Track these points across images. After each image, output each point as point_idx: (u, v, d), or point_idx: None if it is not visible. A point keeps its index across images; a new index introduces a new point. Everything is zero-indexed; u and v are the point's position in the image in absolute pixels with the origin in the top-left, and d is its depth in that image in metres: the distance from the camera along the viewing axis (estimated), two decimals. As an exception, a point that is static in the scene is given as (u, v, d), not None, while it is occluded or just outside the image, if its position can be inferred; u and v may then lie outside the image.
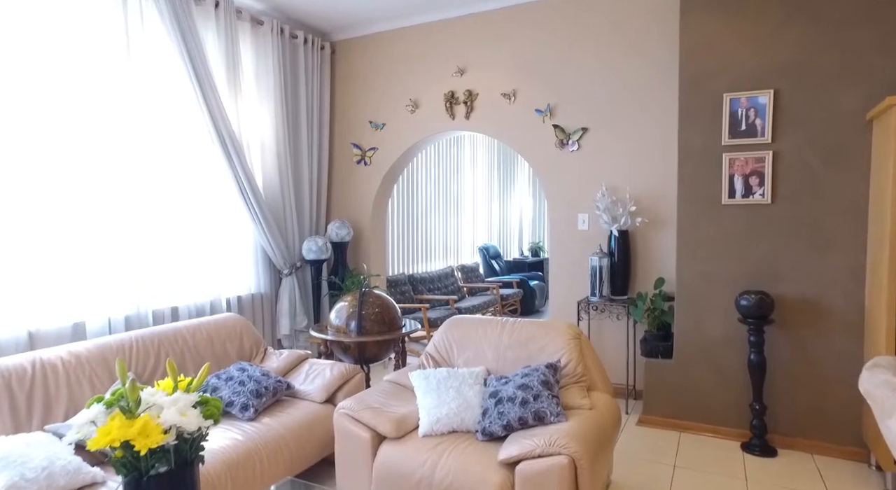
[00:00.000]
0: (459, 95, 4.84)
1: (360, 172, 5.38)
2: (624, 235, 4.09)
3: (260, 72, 4.67)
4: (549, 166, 4.49)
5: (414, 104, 5.05)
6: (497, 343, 2.92)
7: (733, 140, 3.29)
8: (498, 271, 8.59)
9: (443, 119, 4.94)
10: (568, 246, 4.43)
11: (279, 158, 4.80)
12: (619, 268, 4.09)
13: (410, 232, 7.15)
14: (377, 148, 5.28)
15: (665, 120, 4.00)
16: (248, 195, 4.39)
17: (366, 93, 5.32)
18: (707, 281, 3.43)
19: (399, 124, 5.16)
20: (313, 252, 4.85)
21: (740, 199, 3.29)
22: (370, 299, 3.61)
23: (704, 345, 3.45)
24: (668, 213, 4.02)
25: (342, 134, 5.47)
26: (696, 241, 3.46)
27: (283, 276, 4.87)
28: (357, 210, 5.41)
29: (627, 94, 4.14)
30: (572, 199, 4.40)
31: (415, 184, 7.19)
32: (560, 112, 4.43)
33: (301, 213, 5.12)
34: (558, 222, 4.47)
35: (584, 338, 2.85)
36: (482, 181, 8.78)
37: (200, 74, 3.94)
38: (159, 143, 3.84)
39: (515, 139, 4.63)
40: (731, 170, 3.31)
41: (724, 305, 3.37)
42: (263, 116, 4.72)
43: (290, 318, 4.87)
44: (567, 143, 4.39)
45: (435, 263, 7.69)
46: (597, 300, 4.06)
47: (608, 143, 4.24)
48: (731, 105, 3.29)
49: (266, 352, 3.33)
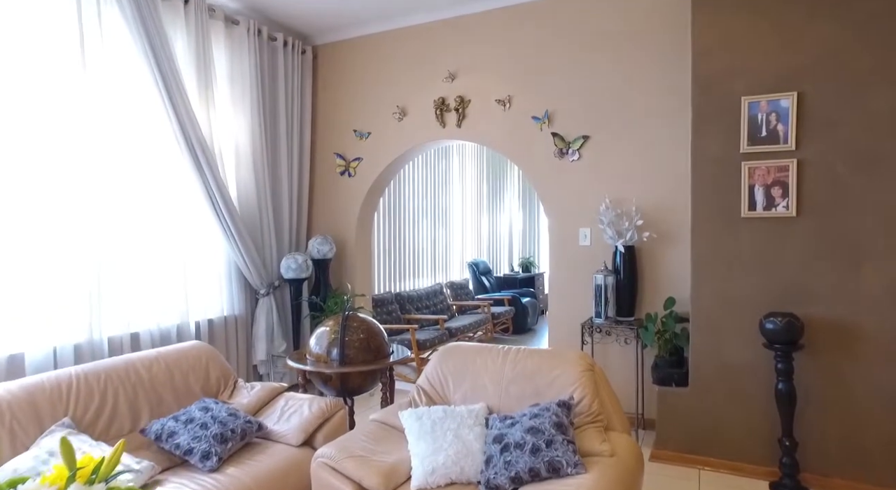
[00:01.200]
0: (450, 102, 4.53)
1: (343, 184, 5.03)
2: (630, 251, 3.77)
3: (235, 75, 4.32)
4: (547, 177, 4.18)
5: (401, 112, 4.73)
6: (499, 375, 2.56)
7: (753, 147, 3.01)
8: (488, 288, 8.25)
9: (432, 127, 4.62)
10: (569, 263, 4.10)
11: (256, 169, 4.44)
12: (626, 287, 3.77)
13: (397, 247, 6.79)
14: (362, 158, 4.94)
15: (675, 126, 3.71)
16: (220, 208, 4.02)
17: (350, 100, 4.99)
18: (726, 301, 3.12)
19: (385, 133, 4.83)
20: (292, 270, 4.47)
21: (762, 212, 3.00)
22: (354, 324, 3.24)
23: (724, 372, 3.13)
24: (678, 227, 3.72)
25: (325, 143, 5.13)
26: (713, 258, 3.15)
27: (259, 297, 4.49)
28: (340, 225, 5.05)
29: (632, 99, 3.86)
30: (573, 212, 4.09)
31: (401, 196, 6.85)
32: (559, 119, 4.13)
33: (280, 228, 4.75)
34: (558, 237, 4.15)
35: (597, 369, 2.51)
36: (471, 193, 8.47)
37: (167, 76, 3.58)
38: (118, 148, 3.46)
39: (511, 148, 4.32)
40: (751, 180, 3.02)
41: (746, 328, 3.06)
42: (239, 123, 4.36)
43: (267, 343, 4.48)
44: (567, 152, 4.09)
45: (423, 280, 7.33)
46: (602, 322, 3.73)
47: (612, 152, 3.94)
48: (750, 109, 3.01)
49: (236, 385, 2.94)
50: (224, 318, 4.26)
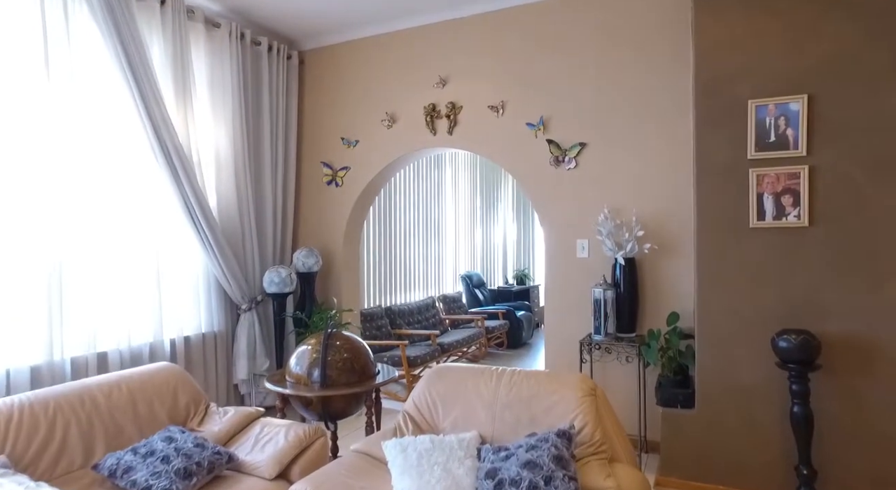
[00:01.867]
0: (441, 108, 4.34)
1: (330, 194, 4.83)
2: (630, 264, 3.58)
3: (216, 81, 4.12)
4: (542, 186, 3.99)
5: (391, 118, 4.55)
6: (492, 400, 2.35)
7: (761, 153, 2.83)
8: (482, 301, 8.03)
9: (423, 134, 4.43)
10: (566, 276, 3.90)
11: (237, 178, 4.23)
12: (626, 301, 3.57)
13: (388, 260, 6.58)
14: (349, 167, 4.74)
15: (676, 132, 3.54)
16: (198, 218, 3.80)
17: (337, 106, 4.80)
18: (734, 317, 2.92)
19: (374, 141, 4.64)
20: (275, 284, 4.25)
21: (771, 222, 2.81)
22: (337, 342, 3.01)
23: (733, 393, 2.93)
24: (681, 238, 3.53)
25: (311, 152, 4.93)
26: (720, 271, 2.96)
27: (241, 312, 4.26)
28: (327, 236, 4.83)
29: (631, 105, 3.69)
30: (570, 223, 3.89)
31: (392, 208, 6.65)
32: (555, 126, 3.95)
33: (263, 240, 4.53)
34: (554, 249, 3.95)
35: (600, 393, 2.30)
36: (464, 204, 8.28)
37: (142, 81, 3.38)
38: (87, 153, 3.24)
39: (504, 156, 4.14)
40: (760, 188, 2.83)
41: (757, 346, 2.86)
42: (219, 131, 4.16)
43: (248, 361, 4.24)
44: (563, 160, 3.91)
45: (415, 294, 7.11)
46: (601, 339, 3.52)
47: (610, 160, 3.76)
48: (758, 113, 2.83)
49: (207, 411, 2.71)
50: (202, 335, 4.03)
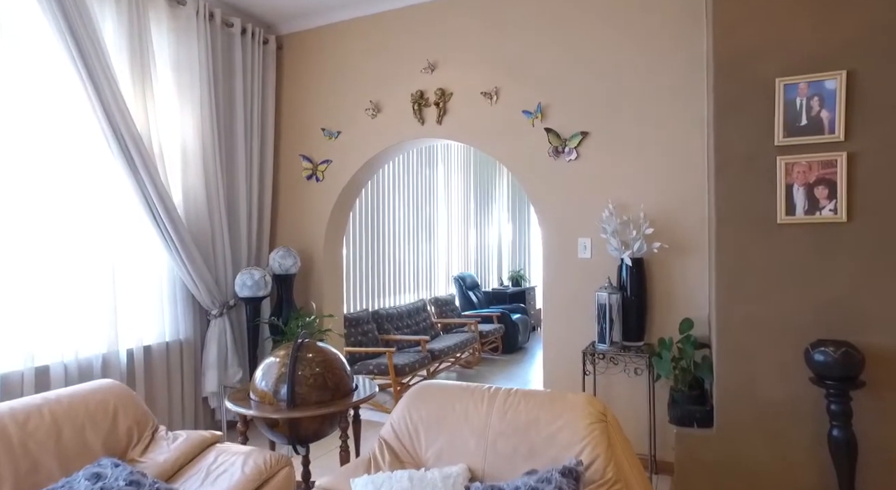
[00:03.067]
0: (430, 96, 3.98)
1: (310, 190, 4.46)
2: (638, 265, 3.23)
3: (181, 64, 3.75)
4: (540, 180, 3.63)
5: (375, 107, 4.18)
6: (483, 427, 1.99)
7: (791, 139, 2.48)
8: (476, 303, 7.67)
9: (410, 124, 4.07)
10: (566, 279, 3.54)
11: (207, 172, 3.86)
12: (634, 306, 3.22)
13: (376, 261, 6.21)
14: (331, 160, 4.37)
15: (691, 117, 3.19)
16: (160, 216, 3.43)
17: (318, 95, 4.44)
18: (760, 326, 2.57)
19: (357, 132, 4.27)
20: (248, 287, 3.87)
21: (803, 217, 2.46)
22: (309, 354, 2.65)
23: (759, 411, 2.57)
24: (695, 236, 3.19)
25: (289, 144, 4.56)
26: (743, 273, 2.61)
27: (211, 318, 3.88)
28: (307, 235, 4.46)
29: (639, 88, 3.33)
30: (571, 220, 3.54)
31: (380, 205, 6.28)
32: (553, 113, 3.59)
33: (236, 240, 4.16)
34: (553, 249, 3.60)
35: (611, 417, 1.94)
36: (457, 202, 7.92)
37: (90, 60, 3.01)
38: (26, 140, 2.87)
39: (498, 147, 3.78)
40: (789, 178, 2.48)
41: (787, 358, 2.51)
42: (186, 120, 3.78)
43: (219, 371, 3.86)
44: (563, 150, 3.55)
45: (404, 296, 6.74)
46: (606, 348, 3.16)
47: (615, 150, 3.41)
48: (787, 93, 2.48)
49: (154, 436, 2.33)
50: (166, 343, 3.65)
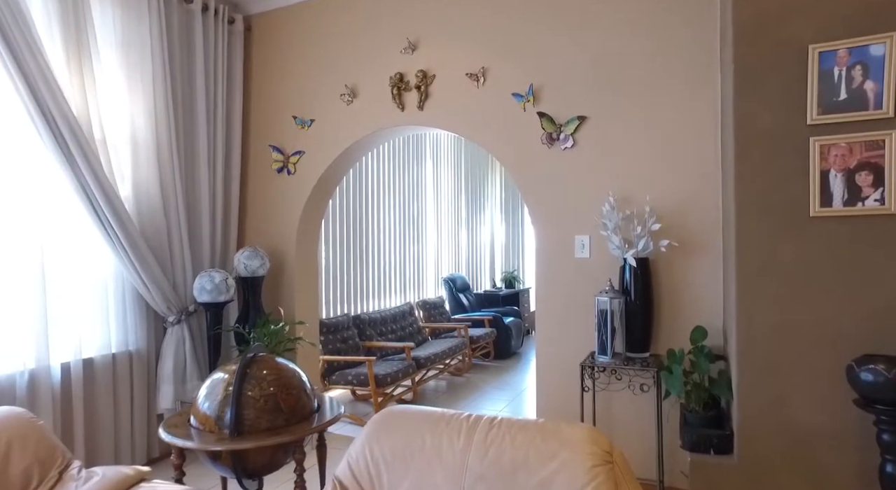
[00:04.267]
0: (410, 78, 3.59)
1: (281, 184, 4.06)
2: (643, 266, 2.85)
3: (130, 42, 3.34)
4: (532, 171, 3.25)
5: (351, 93, 3.79)
6: (459, 468, 1.60)
7: (827, 116, 2.10)
8: (467, 306, 7.28)
9: (388, 111, 3.68)
10: (561, 282, 3.16)
11: (162, 164, 3.46)
12: (638, 313, 2.84)
13: (357, 261, 5.81)
14: (303, 151, 3.98)
15: (704, 96, 2.82)
16: (104, 212, 3.03)
17: (289, 79, 4.04)
18: (790, 337, 2.19)
19: (332, 120, 3.88)
20: (207, 292, 3.47)
21: (841, 208, 2.09)
22: (262, 371, 2.26)
23: (790, 440, 2.20)
24: (708, 232, 2.81)
25: (259, 134, 4.16)
26: (768, 275, 2.23)
27: (167, 326, 3.48)
28: (278, 234, 4.06)
29: (643, 65, 2.96)
30: (567, 215, 3.16)
31: (363, 200, 5.88)
32: (547, 96, 3.21)
33: (197, 239, 3.76)
34: (547, 248, 3.22)
35: (618, 456, 1.55)
36: (447, 200, 7.53)
37: (8, 30, 2.61)
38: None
39: (486, 135, 3.39)
40: (825, 163, 2.11)
41: (824, 376, 2.13)
42: (136, 104, 3.38)
43: (175, 386, 3.46)
44: (558, 137, 3.17)
45: (390, 299, 6.34)
46: (607, 361, 2.78)
47: (617, 136, 3.03)
48: (823, 62, 2.11)
49: (63, 476, 1.93)
50: (112, 355, 3.24)
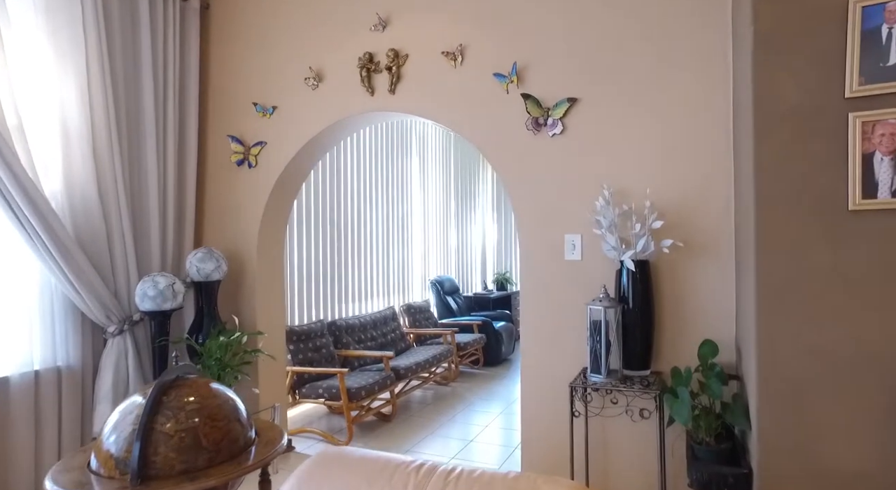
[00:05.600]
0: (381, 59, 3.20)
1: (242, 178, 3.65)
2: (643, 269, 2.45)
3: (57, 14, 2.93)
4: (516, 160, 2.85)
5: (317, 76, 3.39)
6: (402, 545, 1.20)
7: (871, 87, 1.71)
8: (455, 310, 6.88)
9: (357, 95, 3.28)
10: (549, 287, 2.76)
11: (99, 156, 3.05)
12: (637, 323, 2.44)
13: (334, 263, 5.40)
14: (265, 142, 3.57)
15: (713, 71, 2.43)
16: (22, 212, 2.63)
17: (249, 62, 3.64)
18: (825, 358, 1.80)
19: (296, 107, 3.48)
20: (150, 299, 3.06)
21: (889, 199, 1.70)
22: (187, 397, 1.85)
23: (824, 480, 1.80)
24: (719, 231, 2.42)
25: (218, 122, 3.75)
26: (796, 281, 1.84)
27: (107, 337, 3.08)
28: (238, 233, 3.66)
29: (642, 39, 2.56)
30: (555, 210, 2.76)
31: (341, 197, 5.47)
32: (533, 76, 2.82)
33: (144, 241, 3.35)
34: (533, 249, 2.82)
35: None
36: (435, 197, 7.13)
37: None
38: None
39: (464, 120, 2.99)
40: (868, 144, 1.72)
41: (867, 408, 1.74)
42: (66, 87, 2.96)
43: (113, 405, 3.05)
44: (545, 123, 2.77)
45: (372, 304, 5.94)
46: (602, 380, 2.39)
47: (613, 120, 2.64)
48: (867, 19, 1.72)
49: None
50: (35, 372, 2.84)
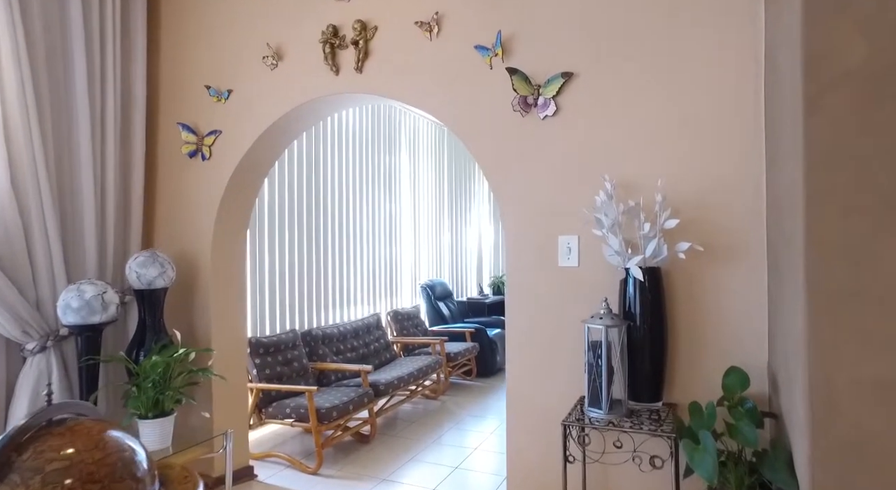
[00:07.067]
0: (346, 32, 2.76)
1: (195, 172, 3.22)
2: (653, 279, 2.00)
3: (-35, -22, 2.50)
4: (500, 147, 2.41)
5: (275, 54, 2.95)
6: None
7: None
8: (447, 317, 6.43)
9: (320, 75, 2.84)
10: (539, 300, 2.32)
11: (13, 148, 2.64)
12: (646, 345, 1.99)
13: (312, 266, 4.95)
14: (220, 130, 3.13)
15: (740, 38, 1.98)
16: None
17: (202, 40, 3.20)
18: (898, 402, 1.35)
19: (253, 90, 3.04)
20: (73, 311, 2.62)
21: None
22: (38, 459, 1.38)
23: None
24: (747, 232, 1.97)
25: (169, 109, 3.31)
26: (861, 297, 1.39)
27: (26, 355, 2.65)
28: (190, 234, 3.22)
29: (653, 1, 2.12)
30: (547, 207, 2.31)
31: (320, 194, 5.03)
32: (521, 47, 2.37)
33: (76, 245, 2.92)
34: (521, 253, 2.38)
35: None
36: (426, 196, 6.68)
37: None
38: None
39: (440, 102, 2.55)
40: (961, 114, 1.27)
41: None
42: (-24, 62, 2.54)
43: (34, 435, 2.60)
44: (535, 102, 2.33)
45: (356, 310, 5.49)
46: (602, 416, 1.93)
47: (616, 98, 2.19)
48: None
49: None
50: (-68, 400, 2.40)
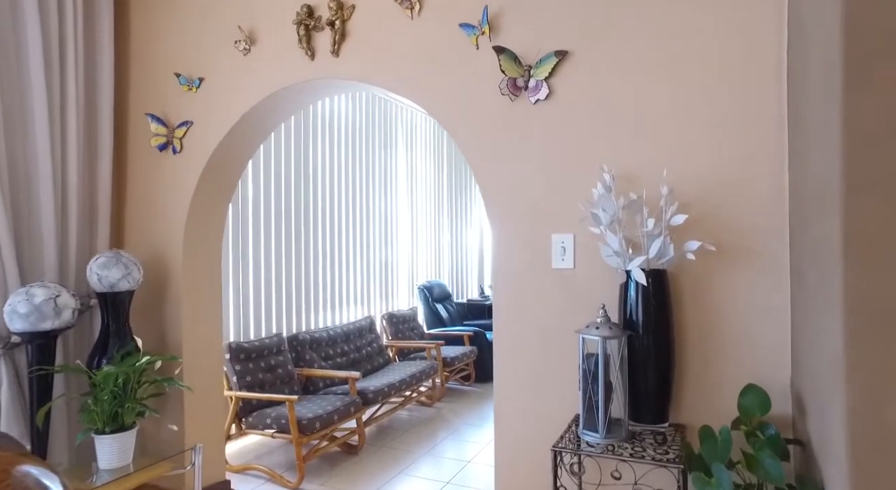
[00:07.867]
0: (322, 12, 2.52)
1: (165, 166, 2.99)
2: (658, 282, 1.75)
3: None
4: (487, 135, 2.16)
5: (248, 38, 2.72)
6: None
7: None
8: (446, 319, 6.19)
9: (295, 60, 2.60)
10: (530, 307, 2.07)
11: (-37, 133, 2.40)
12: (649, 358, 1.74)
13: (300, 266, 4.72)
14: (191, 121, 2.91)
15: (758, 9, 1.72)
16: None
17: (172, 24, 2.97)
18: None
19: (225, 76, 2.81)
20: (20, 317, 2.40)
21: None
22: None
23: None
24: (767, 230, 1.71)
25: (139, 100, 3.09)
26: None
27: (-26, 365, 2.43)
28: (162, 233, 3.00)
29: (655, -35, 1.87)
30: (539, 202, 2.07)
31: (309, 192, 4.80)
32: (510, 24, 2.12)
33: (32, 245, 2.69)
34: (509, 253, 2.13)
35: None
36: (424, 194, 6.44)
37: None
38: None
39: (421, 86, 2.30)
40: None
41: None
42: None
43: (-18, 452, 2.38)
44: (525, 85, 2.08)
45: (349, 313, 5.26)
46: (599, 440, 1.68)
47: (616, 80, 1.94)
48: None
49: None
50: None
